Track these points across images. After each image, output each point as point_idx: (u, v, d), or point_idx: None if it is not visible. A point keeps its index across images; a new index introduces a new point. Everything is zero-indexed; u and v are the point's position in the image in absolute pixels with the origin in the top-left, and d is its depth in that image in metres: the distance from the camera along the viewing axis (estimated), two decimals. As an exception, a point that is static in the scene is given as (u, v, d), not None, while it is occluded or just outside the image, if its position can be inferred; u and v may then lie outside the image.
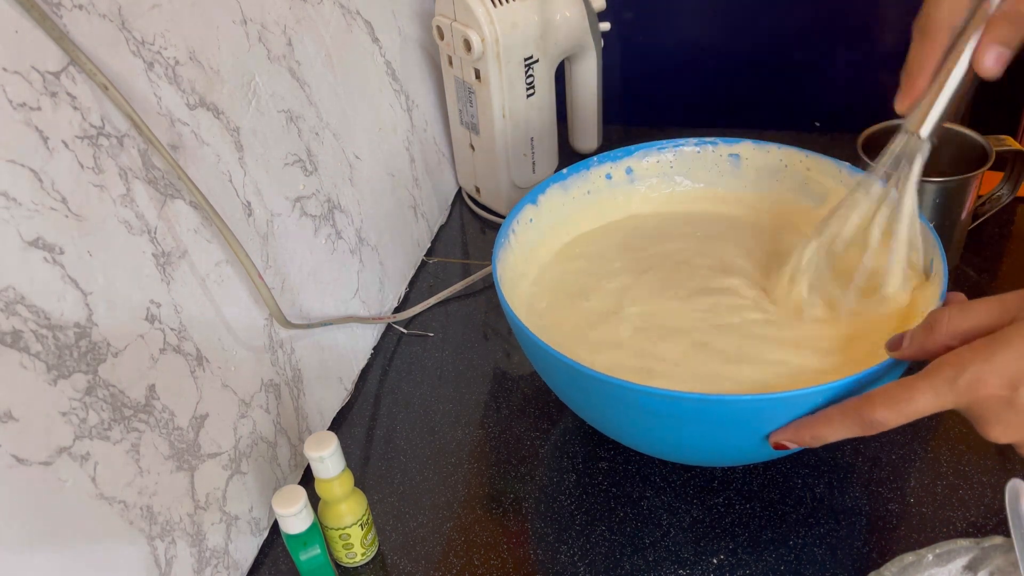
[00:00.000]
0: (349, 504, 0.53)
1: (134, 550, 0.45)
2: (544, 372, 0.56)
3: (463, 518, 0.59)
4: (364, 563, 0.56)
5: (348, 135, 0.68)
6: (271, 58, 0.57)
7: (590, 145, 0.93)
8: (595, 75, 0.87)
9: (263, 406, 0.57)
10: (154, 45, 0.46)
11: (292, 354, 0.61)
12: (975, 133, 0.69)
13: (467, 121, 0.83)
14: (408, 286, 0.80)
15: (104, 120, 0.42)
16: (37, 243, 0.39)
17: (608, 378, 0.47)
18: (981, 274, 0.74)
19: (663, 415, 0.48)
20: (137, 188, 0.45)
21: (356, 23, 0.68)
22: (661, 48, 0.96)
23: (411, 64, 0.79)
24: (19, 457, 0.38)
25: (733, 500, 0.58)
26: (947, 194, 0.67)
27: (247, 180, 0.54)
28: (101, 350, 0.42)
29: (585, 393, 0.52)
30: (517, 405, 0.67)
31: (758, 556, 0.54)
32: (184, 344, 0.49)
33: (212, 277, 0.51)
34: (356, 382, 0.70)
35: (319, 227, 0.64)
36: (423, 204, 0.83)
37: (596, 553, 0.56)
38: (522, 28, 0.76)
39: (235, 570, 0.55)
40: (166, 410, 0.47)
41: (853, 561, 0.54)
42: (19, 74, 0.37)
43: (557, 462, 0.62)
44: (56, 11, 0.39)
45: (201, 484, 0.51)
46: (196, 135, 0.49)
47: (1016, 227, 0.79)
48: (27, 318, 0.38)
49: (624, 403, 0.49)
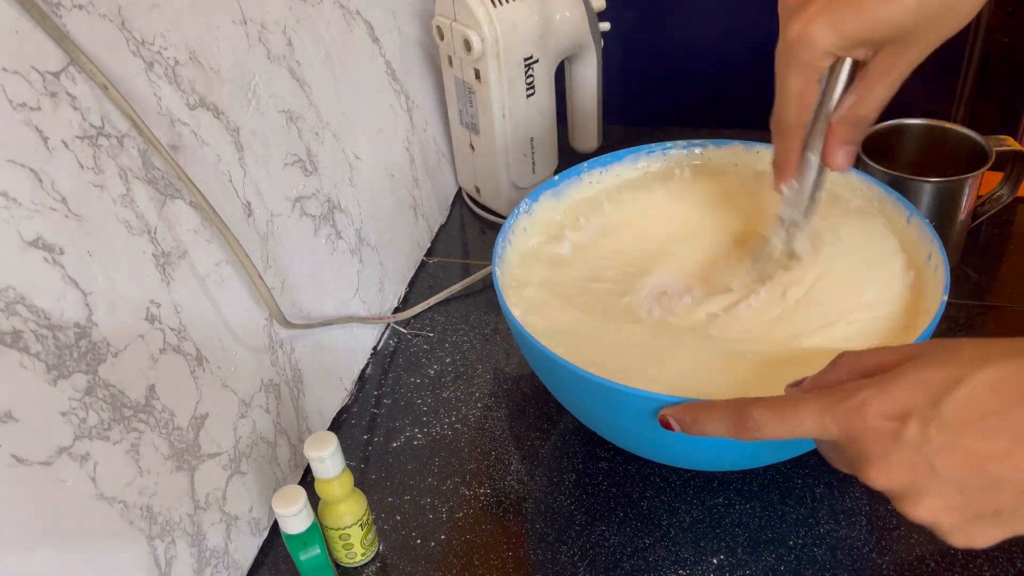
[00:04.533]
0: (349, 504, 0.53)
1: (134, 550, 0.45)
2: (544, 376, 0.56)
3: (463, 518, 0.59)
4: (364, 563, 0.56)
5: (348, 135, 0.68)
6: (271, 58, 0.57)
7: (590, 145, 0.93)
8: (595, 75, 0.87)
9: (263, 406, 0.57)
10: (154, 45, 0.46)
11: (292, 354, 0.61)
12: (975, 133, 0.69)
13: (467, 121, 0.83)
14: (408, 286, 0.80)
15: (104, 120, 0.42)
16: (37, 243, 0.39)
17: (603, 380, 0.48)
18: (981, 274, 0.74)
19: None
20: (137, 188, 0.45)
21: (356, 23, 0.68)
22: (661, 48, 0.96)
23: (411, 64, 0.79)
24: (19, 457, 0.38)
25: (733, 500, 0.58)
26: (947, 194, 0.67)
27: (247, 180, 0.54)
28: (101, 350, 0.42)
29: (583, 397, 0.52)
30: (517, 405, 0.67)
31: (758, 556, 0.54)
32: (184, 344, 0.49)
33: (212, 277, 0.51)
34: (356, 382, 0.70)
35: (319, 227, 0.64)
36: (423, 204, 0.83)
37: (596, 553, 0.56)
38: (522, 28, 0.76)
39: (235, 570, 0.55)
40: (166, 410, 0.47)
41: (853, 561, 0.54)
42: (19, 74, 0.37)
43: (557, 462, 0.62)
44: (56, 11, 0.39)
45: (201, 484, 0.51)
46: (196, 135, 0.49)
47: (1016, 227, 0.79)
48: (27, 318, 0.38)
49: (618, 406, 0.49)
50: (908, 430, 0.35)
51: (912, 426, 0.35)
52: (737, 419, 0.41)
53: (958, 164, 0.68)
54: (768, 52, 0.48)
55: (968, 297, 0.72)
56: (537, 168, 0.86)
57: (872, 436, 0.37)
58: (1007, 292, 0.72)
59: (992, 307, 0.71)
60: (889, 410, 0.36)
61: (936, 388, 0.35)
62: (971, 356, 0.36)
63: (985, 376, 0.35)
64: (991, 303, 0.71)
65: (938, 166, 0.69)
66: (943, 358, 0.36)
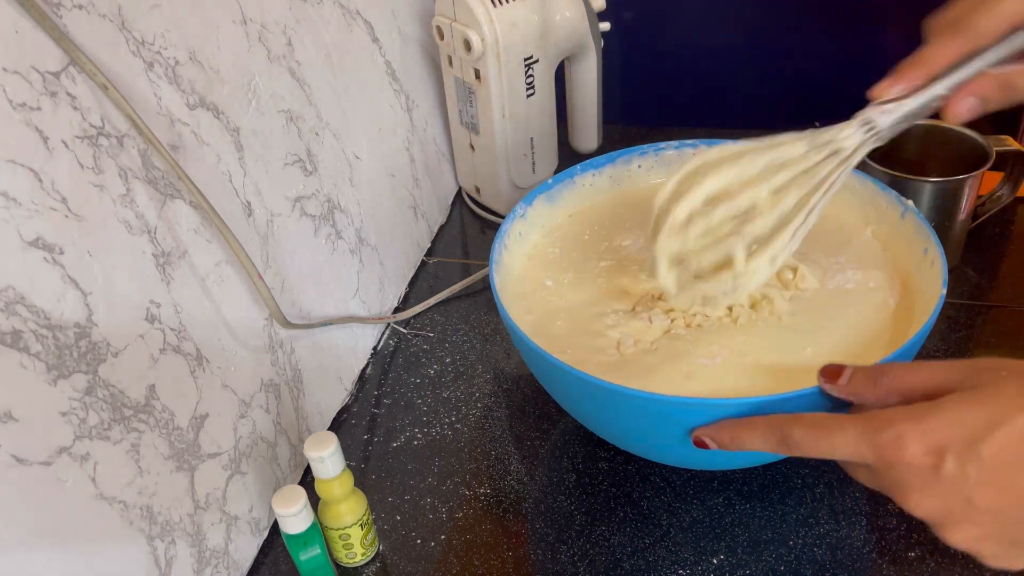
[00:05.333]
0: (349, 504, 0.53)
1: (134, 550, 0.45)
2: (543, 379, 0.56)
3: (463, 518, 0.59)
4: (364, 563, 0.56)
5: (348, 135, 0.68)
6: (271, 58, 0.57)
7: (590, 145, 0.93)
8: (595, 75, 0.87)
9: (263, 406, 0.57)
10: (154, 45, 0.46)
11: (292, 354, 0.61)
12: (975, 133, 0.69)
13: (467, 121, 0.83)
14: (408, 286, 0.80)
15: (104, 120, 0.42)
16: (37, 243, 0.39)
17: (601, 382, 0.48)
18: (981, 274, 0.74)
19: (661, 419, 0.48)
20: (137, 188, 0.45)
21: (356, 23, 0.68)
22: (661, 48, 0.96)
23: (411, 64, 0.79)
24: (19, 457, 0.38)
25: (733, 500, 0.58)
26: (947, 194, 0.67)
27: (247, 180, 0.54)
28: (101, 350, 0.42)
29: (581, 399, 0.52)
30: (517, 405, 0.67)
31: (758, 556, 0.54)
32: (184, 344, 0.49)
33: (212, 277, 0.51)
34: (356, 382, 0.70)
35: (319, 227, 0.64)
36: (423, 204, 0.83)
37: (596, 553, 0.56)
38: (522, 28, 0.76)
39: (235, 570, 0.55)
40: (166, 410, 0.47)
41: (853, 561, 0.54)
42: (19, 74, 0.37)
43: (557, 462, 0.62)
44: (56, 11, 0.39)
45: (201, 484, 0.51)
46: (196, 135, 0.49)
47: (1016, 227, 0.79)
48: (27, 318, 0.38)
49: (616, 406, 0.49)
50: (946, 466, 0.36)
51: (949, 463, 0.36)
52: (780, 437, 0.42)
53: (958, 164, 0.68)
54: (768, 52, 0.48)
55: (968, 297, 0.72)
56: (537, 168, 0.86)
57: (909, 470, 0.37)
58: (1007, 292, 0.72)
59: (992, 307, 0.71)
60: (927, 446, 0.37)
61: (976, 429, 0.36)
62: (1013, 395, 0.36)
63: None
64: (991, 303, 0.71)
65: (938, 166, 0.69)
66: (984, 396, 0.37)
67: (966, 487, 0.36)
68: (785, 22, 0.89)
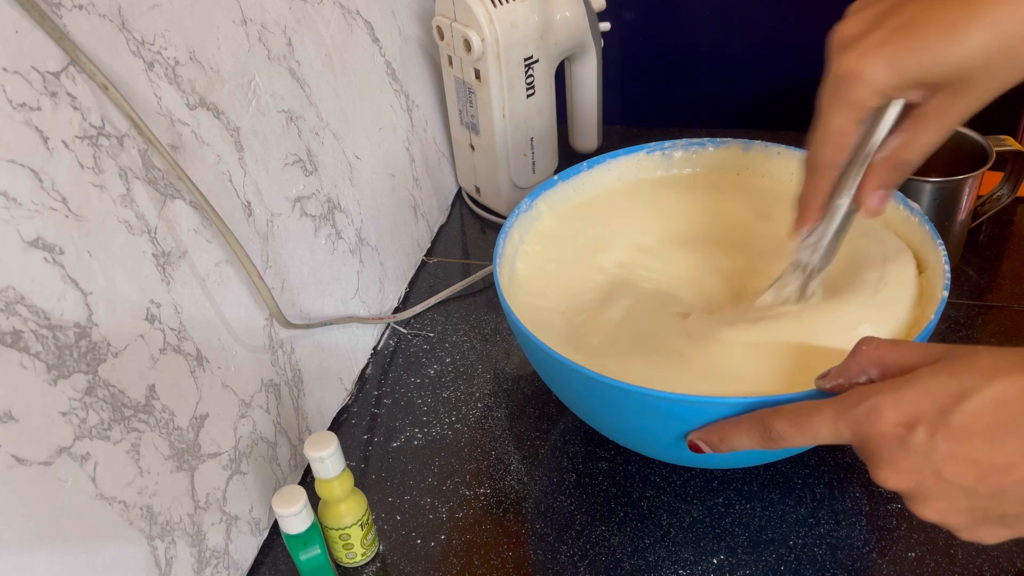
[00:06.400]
0: (349, 504, 0.53)
1: (134, 550, 0.45)
2: (546, 375, 0.56)
3: (463, 518, 0.59)
4: (364, 563, 0.56)
5: (348, 135, 0.68)
6: (271, 58, 0.57)
7: (590, 145, 0.93)
8: (595, 75, 0.87)
9: (263, 406, 0.57)
10: (154, 45, 0.46)
11: (292, 354, 0.61)
12: (975, 133, 0.69)
13: (467, 121, 0.83)
14: (408, 286, 0.80)
15: (104, 120, 0.42)
16: (37, 243, 0.39)
17: (604, 378, 0.48)
18: (981, 274, 0.74)
19: (665, 416, 0.48)
20: (137, 188, 0.45)
21: (356, 23, 0.68)
22: (661, 48, 0.96)
23: (411, 64, 0.79)
24: (19, 457, 0.38)
25: (733, 500, 0.58)
26: (947, 194, 0.67)
27: (247, 180, 0.54)
28: (101, 350, 0.42)
29: (584, 395, 0.52)
30: (517, 405, 0.67)
31: (758, 556, 0.54)
32: (184, 344, 0.49)
33: (212, 277, 0.51)
34: (356, 382, 0.70)
35: (319, 227, 0.64)
36: (423, 204, 0.83)
37: (596, 553, 0.56)
38: (522, 28, 0.76)
39: (235, 570, 0.55)
40: (166, 410, 0.47)
41: (853, 561, 0.54)
42: (19, 74, 0.37)
43: (557, 462, 0.62)
44: (56, 11, 0.39)
45: (201, 484, 0.51)
46: (196, 135, 0.49)
47: (1016, 227, 0.79)
48: (27, 318, 0.38)
49: (623, 405, 0.49)
50: (916, 437, 0.36)
51: (920, 433, 0.36)
52: (761, 431, 0.43)
53: (958, 164, 0.68)
54: (768, 52, 0.48)
55: (968, 297, 0.72)
56: (537, 168, 0.86)
57: (881, 441, 0.38)
58: (1007, 292, 0.72)
59: (992, 307, 0.71)
60: (898, 416, 0.37)
61: (946, 397, 0.36)
62: (984, 367, 0.36)
63: (995, 389, 0.35)
64: (991, 303, 0.71)
65: (938, 166, 0.69)
66: (956, 367, 0.37)
67: (935, 459, 0.36)
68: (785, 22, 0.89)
